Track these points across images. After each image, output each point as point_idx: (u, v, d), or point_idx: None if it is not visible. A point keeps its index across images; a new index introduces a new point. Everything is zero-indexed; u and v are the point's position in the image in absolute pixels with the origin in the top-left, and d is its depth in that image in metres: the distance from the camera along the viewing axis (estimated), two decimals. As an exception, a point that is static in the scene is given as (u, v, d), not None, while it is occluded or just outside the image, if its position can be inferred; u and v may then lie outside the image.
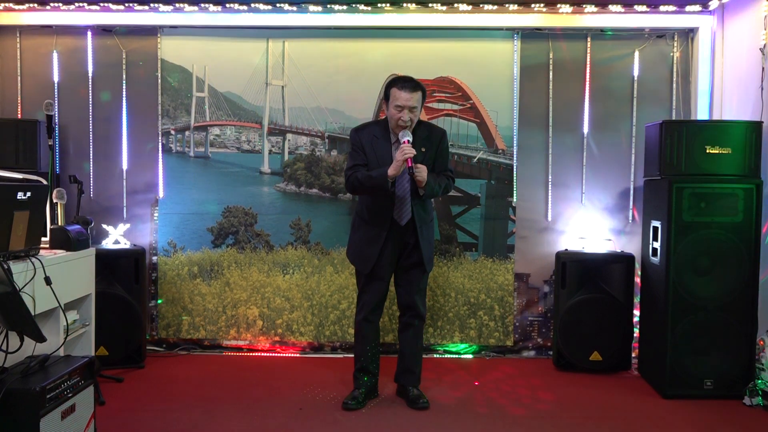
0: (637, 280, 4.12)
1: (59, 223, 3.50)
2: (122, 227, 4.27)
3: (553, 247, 4.42)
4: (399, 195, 3.32)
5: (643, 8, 4.28)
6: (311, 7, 4.33)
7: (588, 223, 4.40)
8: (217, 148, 4.62)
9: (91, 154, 4.50)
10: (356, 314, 3.53)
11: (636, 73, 4.42)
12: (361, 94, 4.47)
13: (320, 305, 4.49)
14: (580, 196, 4.46)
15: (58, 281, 2.70)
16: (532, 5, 4.29)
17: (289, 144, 4.59)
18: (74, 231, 3.16)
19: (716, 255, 3.57)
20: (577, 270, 4.14)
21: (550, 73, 4.45)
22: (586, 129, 4.45)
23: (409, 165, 3.13)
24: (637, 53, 4.41)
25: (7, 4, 4.34)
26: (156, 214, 4.53)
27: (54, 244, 3.12)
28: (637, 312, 4.12)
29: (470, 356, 4.44)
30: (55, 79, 4.49)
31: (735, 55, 4.08)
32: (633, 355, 4.14)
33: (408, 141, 3.17)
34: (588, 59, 4.43)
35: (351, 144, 3.42)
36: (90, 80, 4.48)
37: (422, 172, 3.19)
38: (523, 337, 4.49)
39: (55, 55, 4.49)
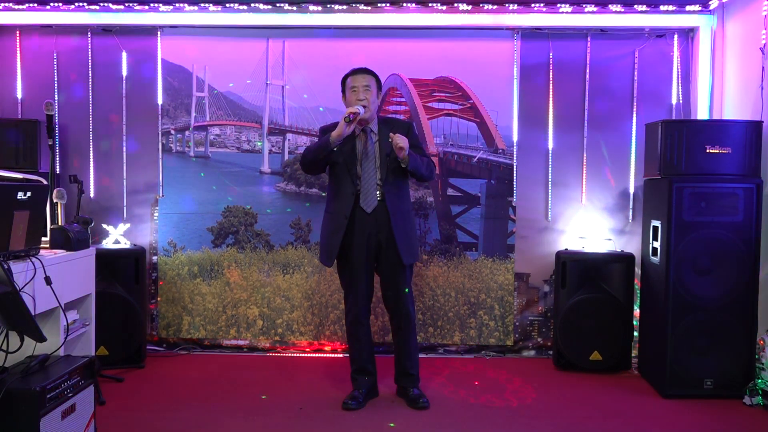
0: (637, 279, 4.12)
1: (59, 223, 3.50)
2: (122, 227, 4.28)
3: (553, 246, 4.42)
4: (365, 178, 3.32)
5: (643, 8, 4.28)
6: (311, 7, 4.33)
7: (588, 222, 4.40)
8: (217, 147, 4.63)
9: (91, 154, 4.50)
10: (345, 317, 3.52)
11: (636, 72, 4.42)
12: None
13: (320, 305, 4.49)
14: (580, 196, 4.46)
15: (58, 281, 2.69)
16: (532, 4, 4.29)
17: (289, 144, 4.59)
18: (74, 231, 3.16)
19: (716, 255, 3.56)
20: (577, 270, 4.14)
21: (550, 73, 4.45)
22: (586, 128, 4.45)
23: (351, 116, 3.15)
24: (637, 53, 4.41)
25: (7, 4, 4.34)
26: (156, 214, 4.54)
27: (54, 244, 3.12)
28: (637, 312, 4.12)
29: (470, 356, 4.44)
30: (55, 78, 4.49)
31: (735, 54, 4.08)
32: (633, 354, 4.14)
33: (357, 108, 3.22)
34: (588, 59, 4.43)
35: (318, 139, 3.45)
36: (90, 80, 4.48)
37: (402, 140, 3.19)
38: (523, 336, 4.49)
39: (55, 55, 4.49)
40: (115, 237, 4.23)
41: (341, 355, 4.37)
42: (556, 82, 4.45)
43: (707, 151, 3.61)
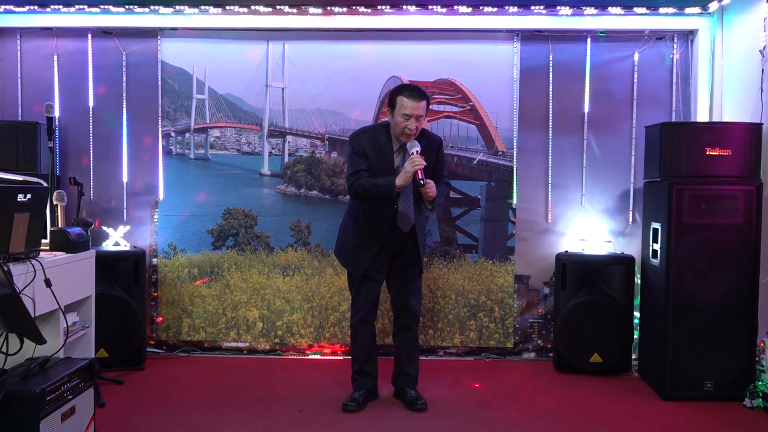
0: (638, 281, 4.12)
1: (59, 225, 3.50)
2: (122, 229, 4.28)
3: (554, 248, 4.42)
4: (401, 208, 3.29)
5: (643, 10, 4.28)
6: (311, 9, 4.34)
7: (588, 224, 4.40)
8: (217, 150, 4.63)
9: (91, 156, 4.50)
10: (352, 317, 3.51)
11: (636, 75, 4.42)
12: (361, 96, 4.47)
13: (320, 307, 4.49)
14: (580, 198, 4.46)
15: (58, 283, 2.69)
16: (532, 7, 4.29)
17: (289, 146, 4.59)
18: (74, 233, 3.16)
19: (716, 257, 3.56)
20: (578, 272, 4.14)
21: (550, 75, 4.45)
22: (585, 131, 4.45)
23: (420, 177, 3.12)
24: (636, 55, 4.42)
25: (7, 6, 4.34)
26: (156, 216, 4.53)
27: (54, 246, 3.11)
28: (637, 314, 4.11)
29: (470, 358, 4.43)
30: (56, 81, 4.49)
31: (734, 57, 4.08)
32: (633, 356, 4.13)
33: (417, 152, 3.16)
34: (588, 61, 4.43)
35: (352, 148, 3.32)
36: (90, 82, 4.49)
37: (433, 187, 3.19)
38: (524, 338, 4.49)
39: (55, 57, 4.49)
40: (115, 239, 4.24)
41: (341, 358, 4.37)
42: (556, 85, 4.45)
43: (707, 153, 3.61)
